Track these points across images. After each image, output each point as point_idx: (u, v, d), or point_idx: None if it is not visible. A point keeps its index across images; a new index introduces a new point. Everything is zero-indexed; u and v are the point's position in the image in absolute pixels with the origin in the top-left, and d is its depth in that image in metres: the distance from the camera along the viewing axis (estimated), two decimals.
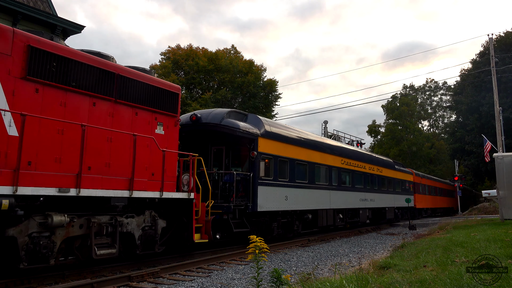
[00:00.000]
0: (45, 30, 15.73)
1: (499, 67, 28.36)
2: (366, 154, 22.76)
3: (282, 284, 5.34)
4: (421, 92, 68.65)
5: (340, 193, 17.61)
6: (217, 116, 12.21)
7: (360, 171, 20.31)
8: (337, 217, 17.38)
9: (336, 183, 17.39)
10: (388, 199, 23.94)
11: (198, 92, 36.59)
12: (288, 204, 13.56)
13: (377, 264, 8.28)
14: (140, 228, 8.67)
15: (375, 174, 22.26)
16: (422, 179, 33.37)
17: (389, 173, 24.90)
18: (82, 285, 6.88)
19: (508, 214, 17.02)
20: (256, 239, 5.19)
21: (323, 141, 17.58)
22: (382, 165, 23.85)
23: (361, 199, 19.83)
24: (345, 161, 18.56)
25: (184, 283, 7.70)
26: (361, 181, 20.33)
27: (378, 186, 22.36)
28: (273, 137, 13.22)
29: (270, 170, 12.96)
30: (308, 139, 15.91)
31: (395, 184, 25.63)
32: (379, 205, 22.30)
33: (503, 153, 21.49)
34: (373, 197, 21.32)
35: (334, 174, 17.30)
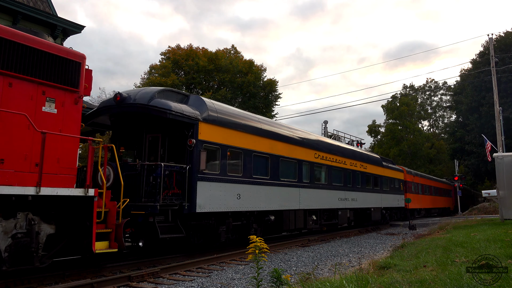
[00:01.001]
0: (45, 30, 15.75)
1: (499, 67, 28.38)
2: (347, 148, 20.46)
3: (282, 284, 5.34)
4: (421, 92, 68.65)
5: (313, 192, 15.39)
6: (145, 96, 9.93)
7: (339, 167, 18.10)
8: (309, 219, 15.28)
9: (308, 180, 15.17)
10: (374, 198, 21.77)
11: (198, 92, 36.58)
12: (241, 203, 11.44)
13: (377, 264, 8.29)
14: (9, 236, 6.46)
15: (358, 171, 20.15)
16: (415, 177, 31.60)
17: (376, 170, 22.64)
18: (82, 285, 6.88)
19: (508, 214, 17.03)
20: (256, 239, 5.19)
21: (290, 131, 15.00)
22: (367, 161, 21.65)
23: (340, 199, 17.73)
24: (320, 155, 16.33)
25: (184, 283, 7.70)
26: (340, 178, 18.19)
27: (361, 184, 20.30)
28: (222, 123, 11.05)
29: (217, 162, 10.81)
30: (271, 128, 13.62)
31: (382, 183, 23.34)
32: (362, 205, 20.28)
33: (503, 153, 21.49)
34: (355, 196, 19.28)
35: (305, 169, 15.09)
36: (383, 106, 63.98)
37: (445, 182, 43.49)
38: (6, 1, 13.91)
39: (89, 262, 8.97)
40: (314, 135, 17.54)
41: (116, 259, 9.71)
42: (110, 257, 9.73)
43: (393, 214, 25.91)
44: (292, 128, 15.50)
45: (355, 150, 21.48)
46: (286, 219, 13.80)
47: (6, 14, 14.37)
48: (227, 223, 11.24)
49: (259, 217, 12.66)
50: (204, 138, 10.35)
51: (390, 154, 58.57)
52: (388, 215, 24.64)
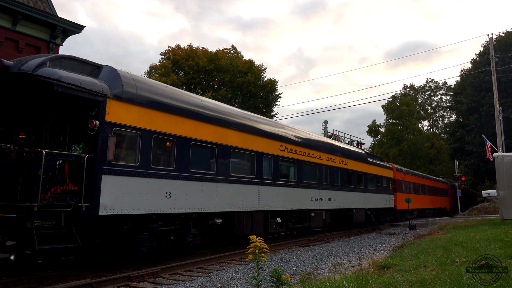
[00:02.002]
0: (45, 30, 15.77)
1: (499, 67, 28.37)
2: (323, 141, 17.81)
3: (282, 284, 5.34)
4: (421, 92, 68.66)
5: (277, 190, 13.15)
6: (32, 63, 7.59)
7: (313, 162, 15.72)
8: (271, 222, 13.05)
9: (270, 176, 12.93)
10: (357, 198, 19.50)
11: (198, 92, 36.59)
12: (172, 204, 9.15)
13: (377, 264, 8.29)
14: None
15: (337, 167, 17.77)
16: (406, 175, 29.14)
17: (359, 167, 20.29)
18: (82, 285, 6.88)
19: (508, 214, 17.02)
20: (256, 239, 5.19)
21: (247, 118, 12.49)
22: (349, 157, 19.25)
23: (314, 198, 15.41)
24: (288, 147, 14.01)
25: (184, 283, 7.70)
26: (314, 175, 15.84)
27: (341, 182, 18.00)
28: (145, 103, 8.82)
29: (136, 152, 8.56)
30: (218, 113, 11.10)
31: (367, 181, 20.99)
32: (342, 206, 17.93)
33: (503, 153, 21.49)
34: (333, 195, 17.00)
35: (267, 163, 12.87)
36: (383, 106, 64.04)
37: (441, 181, 41.81)
38: (6, 1, 13.92)
39: (89, 262, 8.97)
40: (280, 124, 15.00)
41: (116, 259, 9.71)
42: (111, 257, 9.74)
43: (380, 216, 23.43)
44: (250, 115, 13.06)
45: (333, 143, 18.92)
46: (239, 223, 11.52)
47: (6, 14, 14.38)
48: (151, 228, 8.93)
49: (200, 220, 10.40)
50: (115, 120, 8.15)
51: (390, 154, 58.61)
52: (374, 217, 22.17)
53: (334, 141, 19.74)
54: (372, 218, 21.90)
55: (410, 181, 29.75)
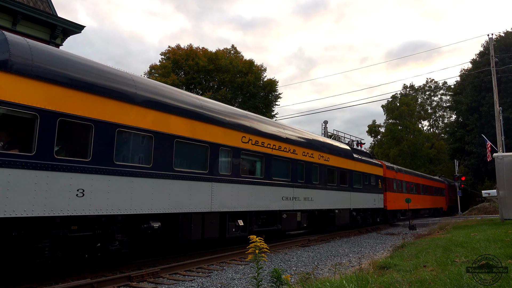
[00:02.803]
0: (45, 30, 15.78)
1: (499, 67, 28.39)
2: (297, 133, 15.51)
3: (282, 284, 5.34)
4: (421, 92, 68.70)
5: (238, 188, 11.40)
6: None
7: (286, 157, 13.87)
8: (230, 225, 11.22)
9: (229, 172, 11.14)
10: (340, 198, 17.74)
11: (198, 92, 36.61)
12: (85, 204, 7.35)
13: (377, 264, 8.29)
14: None
15: (316, 163, 15.88)
16: (398, 174, 27.25)
17: (343, 163, 18.43)
18: (82, 285, 6.88)
19: (508, 214, 17.03)
20: (256, 239, 5.19)
21: (196, 103, 10.47)
22: (330, 152, 17.36)
23: (286, 198, 13.66)
24: (253, 139, 12.21)
25: (184, 283, 7.70)
26: (286, 171, 14.05)
27: (321, 179, 16.16)
28: (45, 76, 7.07)
29: (29, 138, 6.83)
30: (157, 95, 9.20)
31: (352, 179, 19.23)
32: (322, 206, 16.13)
33: (503, 153, 21.50)
34: (310, 194, 15.21)
35: (224, 157, 11.14)
36: (383, 106, 64.07)
37: (437, 180, 40.29)
38: (6, 1, 13.92)
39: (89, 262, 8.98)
40: (243, 112, 12.87)
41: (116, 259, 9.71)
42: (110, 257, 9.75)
43: (367, 217, 21.61)
44: (202, 100, 11.03)
45: (311, 136, 16.75)
46: (185, 226, 9.68)
47: (6, 14, 14.38)
48: (54, 234, 7.18)
49: (130, 224, 8.59)
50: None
51: (390, 154, 58.65)
52: (360, 218, 20.51)
53: (313, 134, 17.32)
54: (359, 220, 20.30)
55: (402, 180, 28.00)
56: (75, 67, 7.69)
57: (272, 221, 13.32)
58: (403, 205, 26.85)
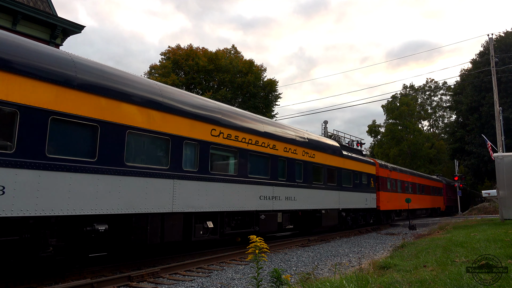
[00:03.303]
0: (45, 30, 15.79)
1: (499, 67, 28.39)
2: (278, 127, 14.27)
3: (282, 284, 5.34)
4: (421, 92, 68.72)
5: (207, 186, 10.25)
6: None
7: (264, 153, 12.79)
8: (197, 227, 10.09)
9: (195, 168, 10.02)
10: (327, 197, 16.57)
11: (198, 92, 36.62)
12: (6, 203, 6.32)
13: (377, 264, 8.29)
14: None
15: (300, 160, 14.78)
16: (392, 172, 25.80)
17: (331, 161, 17.31)
18: (82, 285, 6.88)
19: (508, 214, 17.03)
20: (256, 239, 5.20)
21: (154, 91, 9.32)
22: (316, 148, 16.18)
23: (264, 197, 12.61)
24: (225, 132, 11.11)
25: (184, 283, 7.70)
26: (265, 168, 12.99)
27: (305, 177, 15.04)
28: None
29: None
30: (104, 79, 8.08)
31: (341, 177, 18.12)
32: (306, 206, 14.99)
33: (503, 153, 21.50)
34: (293, 194, 14.12)
35: (190, 151, 10.06)
36: (383, 106, 64.08)
37: (435, 179, 39.26)
38: (6, 1, 13.93)
39: (89, 262, 8.98)
40: (214, 103, 11.63)
41: (116, 259, 9.72)
42: (110, 257, 9.75)
43: (359, 217, 20.45)
44: (162, 87, 9.87)
45: (294, 131, 15.33)
46: (140, 229, 8.48)
47: (6, 14, 14.39)
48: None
49: (68, 226, 7.52)
50: None
51: (390, 154, 58.64)
52: (351, 219, 19.44)
53: (297, 129, 15.95)
54: (348, 221, 19.20)
55: (397, 179, 26.68)
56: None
57: (249, 222, 12.14)
58: (398, 205, 25.86)
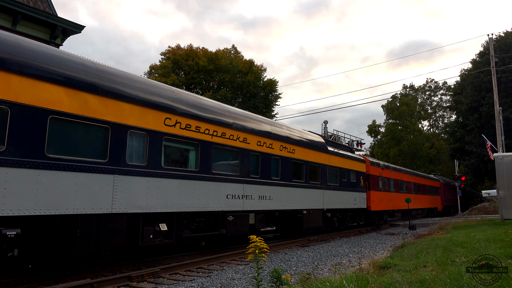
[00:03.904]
0: (45, 30, 15.79)
1: (499, 67, 28.38)
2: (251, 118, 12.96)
3: (282, 284, 5.34)
4: (421, 92, 68.74)
5: (159, 183, 8.90)
6: None
7: (233, 146, 11.43)
8: (147, 230, 8.66)
9: (144, 162, 8.65)
10: (309, 196, 15.23)
11: (198, 92, 36.62)
12: None
13: (377, 264, 8.29)
14: None
15: (277, 155, 13.40)
16: (384, 171, 24.31)
17: (314, 157, 15.91)
18: (82, 285, 6.88)
19: (508, 214, 17.03)
20: (256, 239, 5.20)
21: (90, 68, 8.10)
22: (297, 143, 14.79)
23: (233, 196, 11.26)
24: (183, 122, 9.71)
25: (184, 283, 7.71)
26: (234, 163, 11.67)
27: (283, 174, 13.70)
28: None
29: None
30: (12, 54, 6.72)
31: (326, 174, 16.75)
32: (284, 207, 13.63)
33: (503, 153, 21.50)
34: (269, 192, 12.81)
35: (138, 143, 8.68)
36: (383, 106, 64.11)
37: (432, 178, 37.88)
38: (6, 1, 13.93)
39: (89, 262, 8.98)
40: (167, 88, 10.07)
41: (116, 259, 9.72)
42: (110, 257, 9.76)
43: (346, 218, 19.15)
44: (99, 66, 8.37)
45: (271, 124, 13.91)
46: (67, 234, 7.19)
47: (6, 14, 14.39)
48: None
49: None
50: None
51: (390, 154, 58.66)
52: (337, 220, 18.13)
53: (273, 122, 14.75)
54: (335, 222, 17.85)
55: (390, 178, 25.25)
56: None
57: (213, 224, 10.77)
58: (391, 205, 24.65)
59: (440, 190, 39.47)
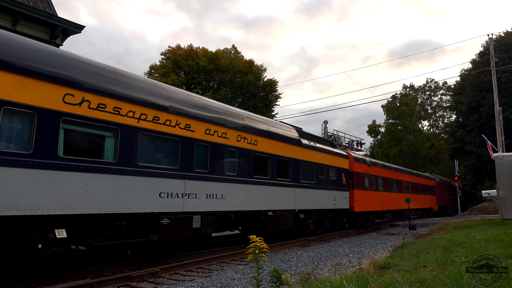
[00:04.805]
0: (45, 30, 15.79)
1: (499, 67, 28.40)
2: (196, 101, 10.75)
3: (282, 284, 5.34)
4: (421, 92, 68.76)
5: (52, 177, 6.97)
6: None
7: (170, 134, 9.37)
8: (33, 238, 6.75)
9: (30, 150, 6.75)
10: (276, 195, 13.19)
11: (198, 92, 36.62)
12: None
13: (377, 264, 8.29)
14: None
15: (233, 147, 11.34)
16: (371, 168, 22.34)
17: (283, 150, 13.79)
18: (82, 285, 6.88)
19: (508, 214, 17.04)
20: (256, 239, 5.20)
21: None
22: (259, 133, 12.66)
23: (169, 194, 9.18)
24: (94, 101, 7.81)
25: (184, 283, 7.71)
26: (172, 154, 9.54)
27: (240, 170, 11.59)
28: None
29: None
30: None
31: (299, 171, 14.65)
32: (242, 207, 11.56)
33: (503, 153, 21.51)
34: (221, 190, 10.75)
35: (15, 124, 6.70)
36: (383, 106, 64.13)
37: (426, 176, 36.07)
38: (6, 1, 13.93)
39: (89, 262, 8.99)
40: (68, 54, 7.95)
41: (117, 259, 9.72)
42: (110, 257, 9.75)
43: (325, 220, 17.12)
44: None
45: (225, 109, 11.81)
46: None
47: (6, 14, 14.39)
48: None
49: None
50: None
51: (390, 154, 58.66)
52: (313, 222, 16.03)
53: (229, 107, 12.49)
54: (309, 224, 15.76)
55: (378, 175, 23.32)
56: None
57: (141, 229, 8.77)
58: (379, 205, 22.87)
59: (436, 189, 37.87)
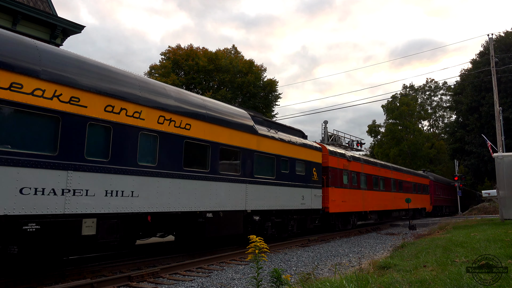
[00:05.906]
0: (45, 30, 15.79)
1: (499, 67, 28.38)
2: (87, 63, 7.88)
3: (282, 284, 5.34)
4: (421, 92, 68.77)
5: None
6: None
7: (42, 109, 6.80)
8: None
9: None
10: (219, 193, 10.75)
11: (198, 92, 36.62)
12: None
13: (377, 264, 8.29)
14: None
15: (152, 130, 8.84)
16: (351, 163, 19.75)
17: (229, 137, 11.30)
18: (82, 285, 6.88)
19: (508, 214, 17.04)
20: (256, 239, 5.20)
21: None
22: (193, 115, 10.03)
23: (37, 191, 6.63)
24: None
25: (184, 283, 7.70)
26: (46, 136, 6.99)
27: (162, 160, 9.06)
28: None
29: None
30: None
31: (252, 164, 12.22)
32: (165, 208, 8.99)
33: (503, 153, 21.50)
34: (130, 186, 8.24)
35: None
36: (383, 106, 64.18)
37: (419, 174, 33.56)
38: (6, 1, 13.92)
39: (89, 262, 8.99)
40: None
41: (117, 259, 9.72)
42: (110, 257, 9.76)
43: (289, 223, 14.43)
44: None
45: (141, 81, 9.10)
46: None
47: (6, 14, 14.39)
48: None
49: None
50: None
51: (390, 154, 58.68)
52: (272, 225, 13.40)
53: (145, 78, 9.79)
54: (267, 228, 13.13)
55: (360, 172, 20.69)
56: None
57: None
58: (361, 205, 20.39)
59: (430, 188, 34.92)
